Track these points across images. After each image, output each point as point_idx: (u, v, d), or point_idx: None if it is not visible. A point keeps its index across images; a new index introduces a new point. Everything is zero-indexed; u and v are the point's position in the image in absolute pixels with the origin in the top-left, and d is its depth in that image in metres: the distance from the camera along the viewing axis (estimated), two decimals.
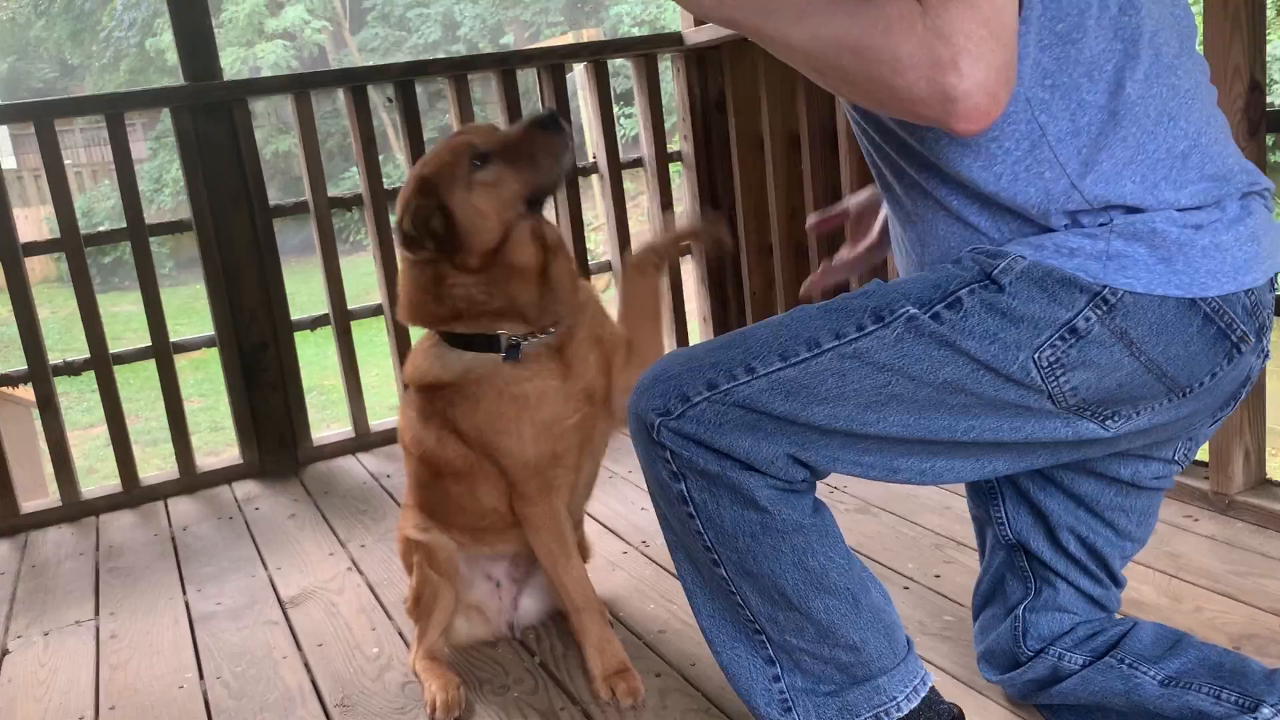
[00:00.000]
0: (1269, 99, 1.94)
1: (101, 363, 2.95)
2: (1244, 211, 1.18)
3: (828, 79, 1.08)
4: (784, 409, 1.18)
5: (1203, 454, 2.15)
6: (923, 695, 1.32)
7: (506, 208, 1.60)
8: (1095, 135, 1.14)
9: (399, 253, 1.70)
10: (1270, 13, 8.96)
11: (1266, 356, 1.27)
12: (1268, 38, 1.96)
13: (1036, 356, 1.16)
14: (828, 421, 1.18)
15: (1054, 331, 1.15)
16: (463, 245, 1.61)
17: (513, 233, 1.62)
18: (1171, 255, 1.14)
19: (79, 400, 9.35)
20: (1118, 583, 1.48)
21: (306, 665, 1.98)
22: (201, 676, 1.99)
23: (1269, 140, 2.10)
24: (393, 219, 1.88)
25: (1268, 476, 2.15)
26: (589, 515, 2.54)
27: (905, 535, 2.22)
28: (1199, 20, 1.96)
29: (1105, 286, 1.14)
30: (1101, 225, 1.16)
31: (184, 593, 2.38)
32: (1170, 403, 1.22)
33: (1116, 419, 1.21)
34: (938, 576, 2.02)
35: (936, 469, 1.25)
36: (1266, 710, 1.25)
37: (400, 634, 2.05)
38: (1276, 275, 1.22)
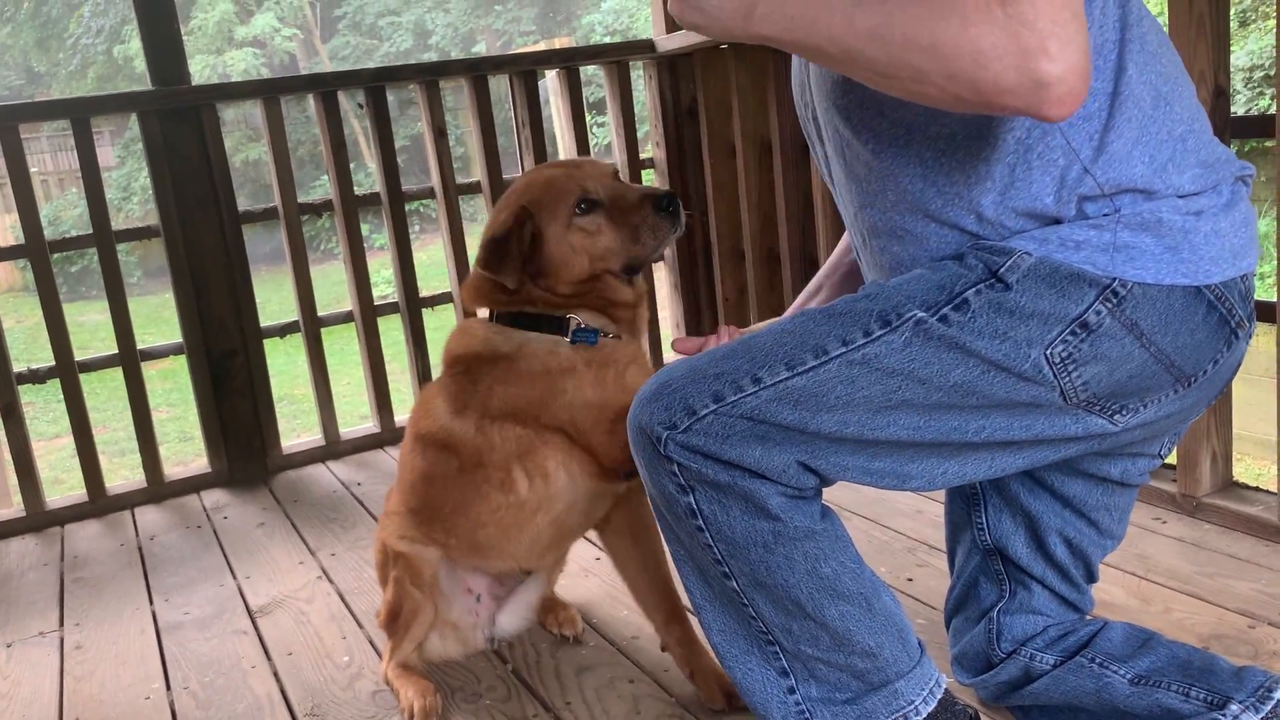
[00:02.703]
0: (1233, 109, 1.97)
1: (67, 370, 2.91)
2: (1235, 196, 1.20)
3: (895, 81, 1.02)
4: (792, 418, 1.16)
5: (1171, 457, 2.17)
6: (939, 697, 1.31)
7: (599, 260, 1.61)
8: (1105, 119, 1.15)
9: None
10: (1234, 23, 9.10)
11: (1248, 343, 1.28)
12: (1232, 49, 1.98)
13: (1048, 353, 1.15)
14: (837, 429, 1.17)
15: (1065, 327, 1.15)
16: (549, 274, 1.61)
17: (605, 276, 1.63)
18: (1178, 244, 1.15)
19: (45, 411, 9.23)
20: (1093, 578, 1.49)
21: (276, 675, 1.96)
22: (169, 687, 1.97)
23: (1233, 147, 2.12)
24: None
25: (1234, 479, 2.17)
26: None
27: (878, 539, 2.22)
28: (1165, 27, 1.99)
29: (1115, 279, 1.14)
30: (1106, 215, 1.16)
31: (151, 602, 2.35)
32: (1176, 393, 1.23)
33: (1124, 413, 1.22)
34: (910, 580, 2.03)
35: (948, 473, 1.24)
36: (1234, 707, 1.26)
37: (371, 642, 2.03)
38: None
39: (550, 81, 3.68)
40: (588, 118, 3.50)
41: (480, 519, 1.71)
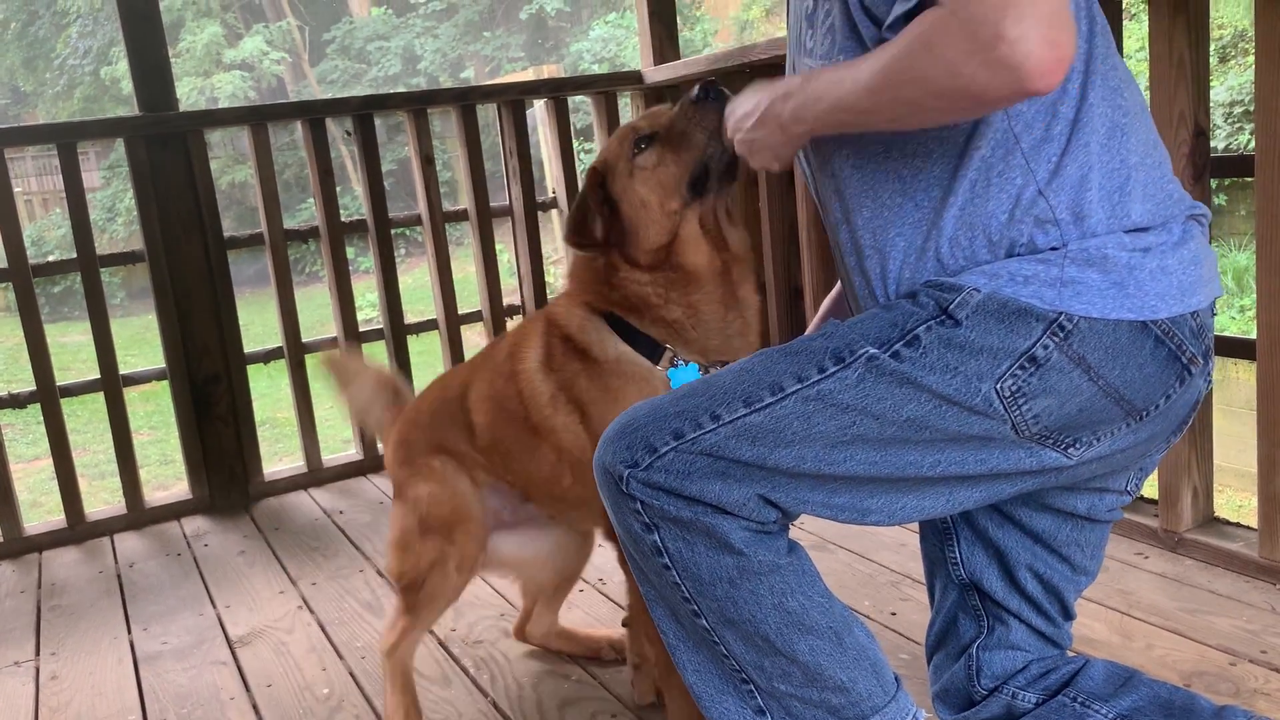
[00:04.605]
0: (1213, 144, 1.99)
1: (48, 396, 2.89)
2: (1186, 235, 1.22)
3: (905, 118, 1.11)
4: (751, 454, 1.18)
5: (1152, 492, 2.18)
6: None
7: (669, 194, 1.50)
8: (1064, 145, 1.18)
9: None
10: (1214, 58, 9.22)
11: (1210, 381, 1.30)
12: (1212, 84, 2.01)
13: (998, 387, 1.17)
14: (795, 464, 1.18)
15: (1014, 361, 1.16)
16: (629, 239, 1.52)
17: (682, 229, 1.51)
18: (1123, 279, 1.17)
19: (25, 432, 9.15)
20: (1069, 615, 1.49)
21: (255, 707, 1.94)
22: (145, 719, 1.94)
23: (1213, 184, 2.15)
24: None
25: (1215, 514, 2.18)
26: None
27: (861, 573, 2.22)
28: (1145, 67, 2.02)
29: (1061, 313, 1.16)
30: (1054, 250, 1.18)
31: (129, 632, 2.32)
32: (1129, 427, 1.24)
33: (1078, 446, 1.23)
34: (894, 614, 2.02)
35: (906, 507, 1.25)
36: None
37: (351, 675, 2.01)
38: (1215, 300, 1.25)
39: (538, 110, 3.70)
40: (575, 145, 3.52)
41: (531, 478, 1.70)
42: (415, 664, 1.99)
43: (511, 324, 3.38)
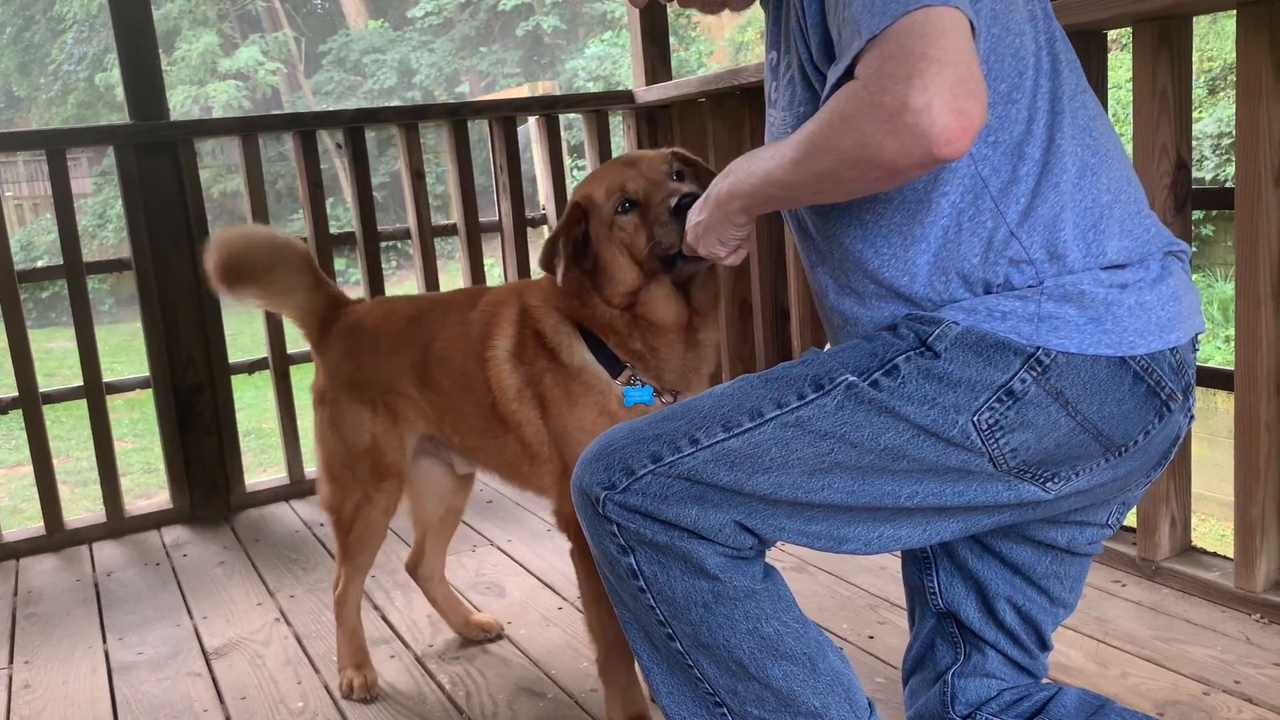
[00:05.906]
0: (1199, 174, 2.01)
1: (30, 402, 2.88)
2: (1164, 271, 1.22)
3: (826, 190, 1.13)
4: (729, 479, 1.18)
5: (1130, 520, 2.19)
6: None
7: (640, 259, 1.55)
8: (1033, 185, 1.18)
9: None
10: (1203, 90, 9.30)
11: (1192, 418, 1.30)
12: (1198, 116, 2.03)
13: (975, 419, 1.17)
14: (773, 490, 1.19)
15: (991, 394, 1.17)
16: (601, 279, 1.58)
17: (652, 284, 1.57)
18: (1100, 315, 1.17)
19: (8, 437, 9.10)
20: (1046, 647, 1.49)
21: (228, 719, 1.93)
22: None
23: (1198, 215, 2.17)
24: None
25: (1193, 544, 2.19)
26: (526, 570, 2.52)
27: (840, 595, 2.22)
28: (1128, 98, 2.04)
29: (1039, 348, 1.17)
30: (1031, 287, 1.19)
31: (104, 641, 2.31)
32: (1107, 462, 1.24)
33: (1056, 480, 1.23)
34: (871, 638, 2.03)
35: (883, 537, 1.25)
36: None
37: (326, 689, 2.00)
38: (1197, 336, 1.26)
39: (531, 126, 3.71)
40: (568, 161, 3.53)
41: (488, 453, 1.82)
42: (390, 678, 2.00)
43: None
